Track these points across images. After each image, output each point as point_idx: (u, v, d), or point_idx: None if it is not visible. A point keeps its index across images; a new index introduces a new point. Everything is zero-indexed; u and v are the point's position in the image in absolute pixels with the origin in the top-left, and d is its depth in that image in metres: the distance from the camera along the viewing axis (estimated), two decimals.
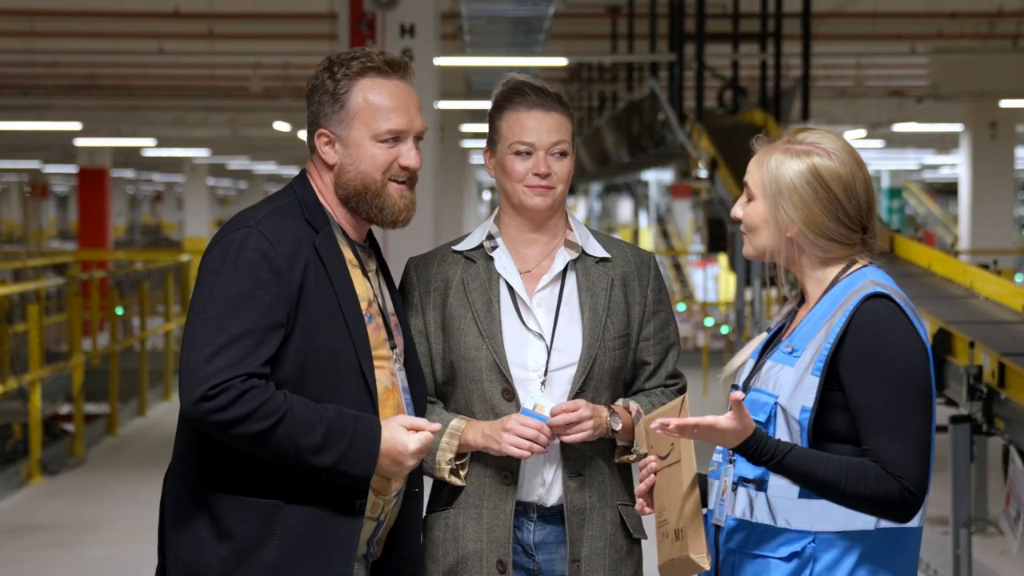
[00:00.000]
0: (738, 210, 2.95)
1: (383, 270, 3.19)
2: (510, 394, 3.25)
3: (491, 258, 3.34)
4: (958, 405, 6.04)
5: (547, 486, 3.27)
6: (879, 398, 2.76)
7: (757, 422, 2.81)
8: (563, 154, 3.31)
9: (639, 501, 2.96)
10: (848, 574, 2.79)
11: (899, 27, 17.45)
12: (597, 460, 3.29)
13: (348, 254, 3.06)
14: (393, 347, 3.11)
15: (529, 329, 3.29)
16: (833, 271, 2.90)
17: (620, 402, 3.32)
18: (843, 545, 2.79)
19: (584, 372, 3.26)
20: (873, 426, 2.76)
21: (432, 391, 3.33)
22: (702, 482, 2.94)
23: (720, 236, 11.33)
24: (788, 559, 2.80)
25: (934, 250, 8.84)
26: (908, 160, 35.88)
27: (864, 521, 2.78)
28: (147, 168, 41.96)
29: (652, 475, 2.92)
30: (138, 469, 10.74)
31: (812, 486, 2.76)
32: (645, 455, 3.28)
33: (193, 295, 2.97)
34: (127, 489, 9.95)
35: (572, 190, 3.69)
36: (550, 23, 13.59)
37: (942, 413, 6.35)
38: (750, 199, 2.92)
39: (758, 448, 2.74)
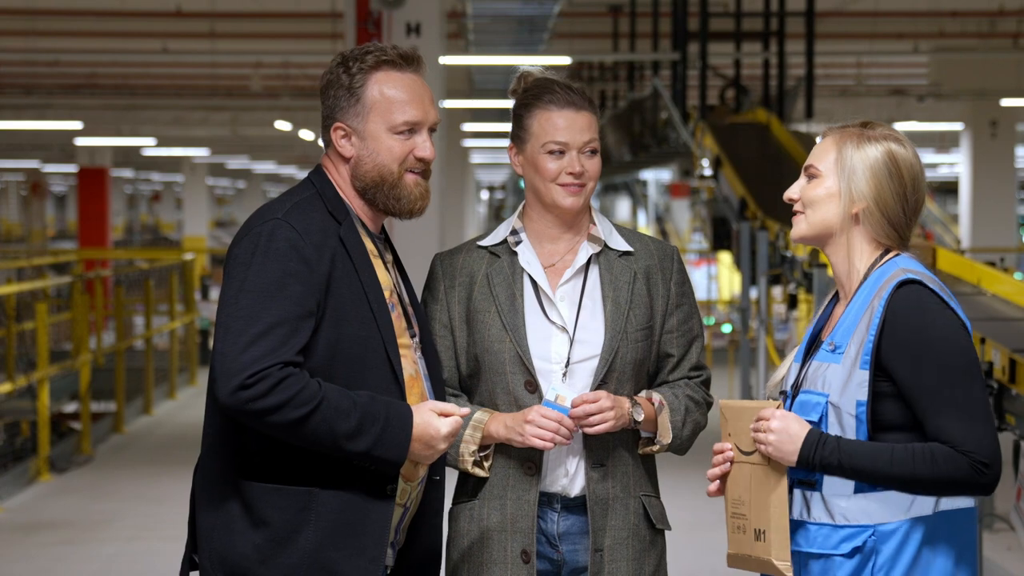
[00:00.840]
0: (795, 190, 3.03)
1: (397, 261, 3.25)
2: (533, 386, 3.29)
3: (515, 253, 3.38)
4: None
5: (570, 477, 3.30)
6: (929, 381, 2.82)
7: (810, 422, 2.88)
8: (594, 152, 3.36)
9: (711, 485, 3.04)
10: (911, 560, 2.84)
11: (900, 26, 17.51)
12: (620, 451, 3.32)
13: (369, 245, 3.12)
14: (413, 335, 3.17)
15: (552, 322, 3.32)
16: (868, 260, 2.97)
17: (643, 393, 3.34)
18: (903, 533, 2.84)
19: (606, 364, 3.29)
20: (931, 410, 2.82)
21: (456, 384, 3.38)
22: None
23: (725, 234, 11.37)
24: (851, 555, 2.85)
25: (941, 248, 8.88)
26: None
27: (922, 506, 2.84)
28: (146, 168, 41.98)
29: (727, 463, 2.98)
30: (146, 467, 10.77)
31: (883, 483, 2.82)
32: (668, 447, 3.33)
33: (224, 287, 3.01)
34: (136, 486, 9.98)
35: None
36: (554, 22, 13.62)
37: None
38: (812, 178, 3.00)
39: (815, 458, 2.83)
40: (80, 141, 26.57)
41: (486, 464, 3.32)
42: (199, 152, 31.08)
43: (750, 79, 15.26)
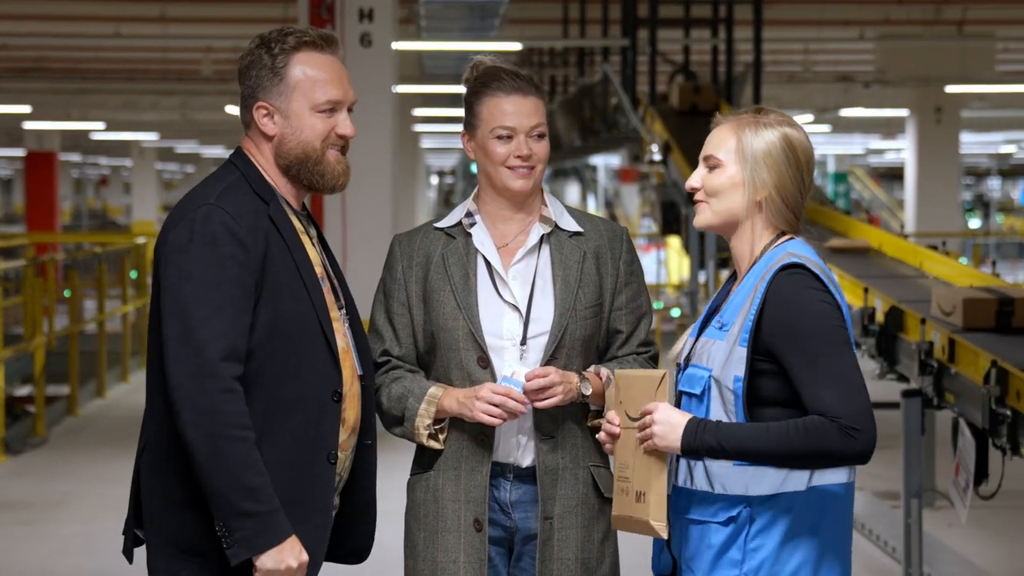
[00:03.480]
0: (696, 179, 3.12)
1: (321, 237, 3.35)
2: (485, 362, 3.43)
3: (469, 234, 3.52)
4: (909, 380, 6.26)
5: (522, 448, 3.46)
6: (803, 357, 2.95)
7: (692, 394, 3.05)
8: (541, 136, 3.50)
9: (605, 447, 3.18)
10: (782, 535, 2.96)
11: (847, 12, 17.68)
12: (569, 423, 3.47)
13: (295, 222, 3.22)
14: (341, 307, 3.27)
15: (504, 300, 3.47)
16: (760, 244, 3.09)
17: (591, 368, 3.48)
18: (776, 507, 2.97)
19: (556, 340, 3.43)
20: (806, 383, 2.94)
21: (414, 360, 3.52)
22: None
23: (674, 219, 11.52)
24: (726, 523, 2.99)
25: (884, 232, 9.05)
26: (854, 145, 36.25)
27: (796, 482, 2.96)
28: (93, 152, 41.73)
29: (613, 427, 3.11)
30: (100, 448, 10.82)
31: (763, 460, 2.95)
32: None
33: (164, 275, 3.08)
34: (91, 468, 10.03)
35: None
36: (505, 8, 13.71)
37: (894, 388, 6.59)
38: (713, 167, 3.10)
39: (697, 443, 2.97)
40: (28, 125, 26.42)
41: (441, 437, 3.46)
42: (148, 136, 30.96)
43: (699, 65, 15.41)
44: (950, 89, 19.57)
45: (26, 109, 22.77)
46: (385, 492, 3.72)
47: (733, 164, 3.07)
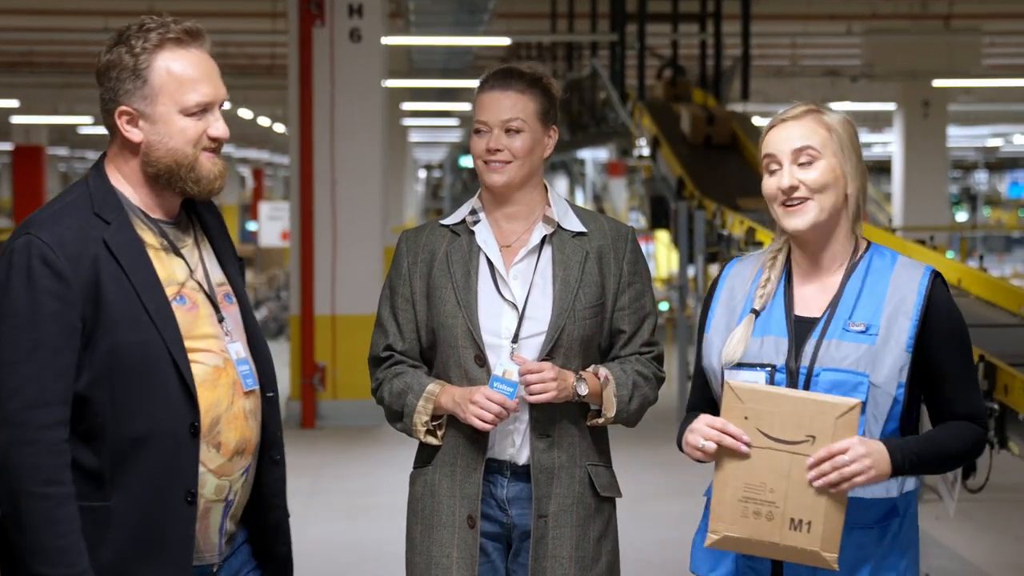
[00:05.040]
0: (792, 178, 2.97)
1: (211, 236, 3.07)
2: (482, 360, 3.45)
3: (472, 232, 3.53)
4: None
5: (517, 447, 3.48)
6: (960, 365, 3.01)
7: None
8: (516, 131, 3.47)
9: (699, 454, 2.96)
10: (910, 531, 3.04)
11: (834, 7, 17.72)
12: (566, 423, 3.48)
13: (150, 238, 2.93)
14: (221, 320, 2.99)
15: (504, 299, 3.47)
16: (850, 244, 3.03)
17: (590, 368, 3.49)
18: (910, 506, 3.05)
19: (552, 339, 3.44)
20: (960, 389, 3.01)
21: (417, 355, 3.55)
22: None
23: (663, 213, 11.53)
24: (874, 526, 3.00)
25: (872, 226, 9.09)
26: None
27: (912, 481, 3.03)
28: (81, 146, 41.67)
29: (730, 439, 2.90)
30: None
31: (944, 465, 3.00)
32: (614, 419, 3.46)
33: None
34: None
35: None
36: (494, 2, 13.72)
37: None
38: (809, 161, 2.96)
39: (905, 464, 2.91)
40: (16, 119, 26.38)
41: (439, 433, 3.49)
42: None
43: (687, 60, 15.43)
44: (937, 83, 19.61)
45: (14, 103, 22.76)
46: (395, 486, 3.74)
47: (831, 156, 2.98)
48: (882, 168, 37.94)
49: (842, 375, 2.93)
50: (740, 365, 3.00)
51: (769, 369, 2.97)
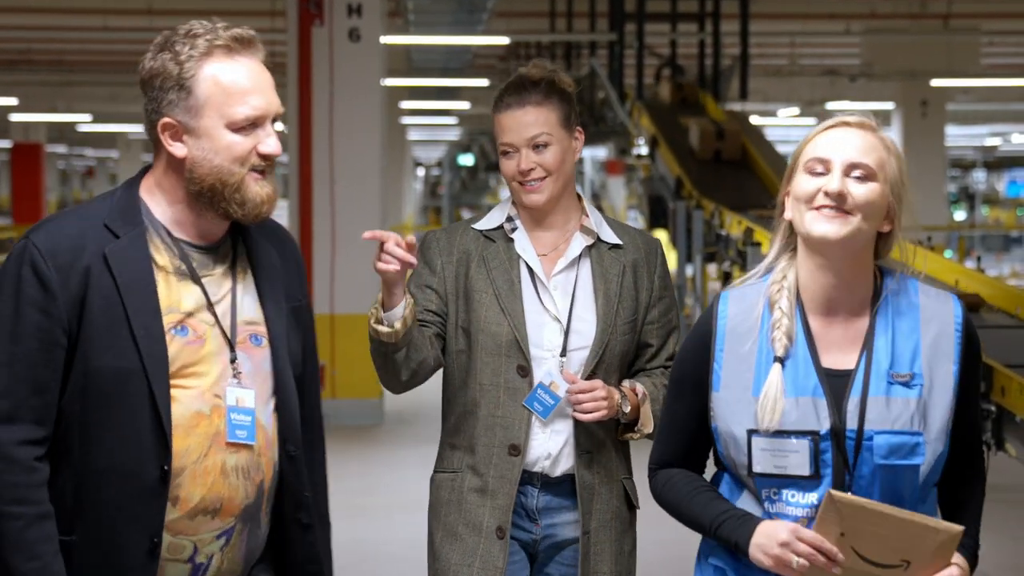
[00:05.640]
0: (843, 184, 2.62)
1: (257, 270, 2.78)
2: (525, 371, 3.38)
3: (511, 240, 3.45)
4: None
5: (552, 458, 3.41)
6: (976, 399, 2.74)
7: (914, 466, 2.62)
8: (544, 145, 3.39)
9: (792, 566, 2.59)
10: None
11: (833, 6, 17.74)
12: (603, 437, 3.43)
13: (164, 259, 2.68)
14: (233, 359, 2.69)
15: (547, 310, 3.41)
16: (870, 275, 2.68)
17: (627, 383, 3.44)
18: None
19: (597, 355, 3.39)
20: (973, 426, 2.75)
21: (440, 350, 3.40)
22: None
23: (661, 212, 11.54)
24: None
25: None
26: None
27: None
28: (79, 144, 41.69)
29: (823, 559, 2.56)
30: None
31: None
32: (649, 435, 3.36)
33: None
34: None
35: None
36: (493, 2, 13.74)
37: None
38: (865, 178, 2.62)
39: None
40: (15, 117, 26.40)
41: (396, 325, 3.25)
42: (135, 128, 30.94)
43: (686, 59, 15.45)
44: (935, 83, 19.64)
45: (12, 101, 22.77)
46: (393, 486, 3.71)
47: (883, 182, 2.63)
48: None
49: (899, 438, 2.60)
50: (779, 433, 2.62)
51: (812, 437, 2.60)
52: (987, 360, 5.24)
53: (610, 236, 3.48)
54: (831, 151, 2.64)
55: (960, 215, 36.44)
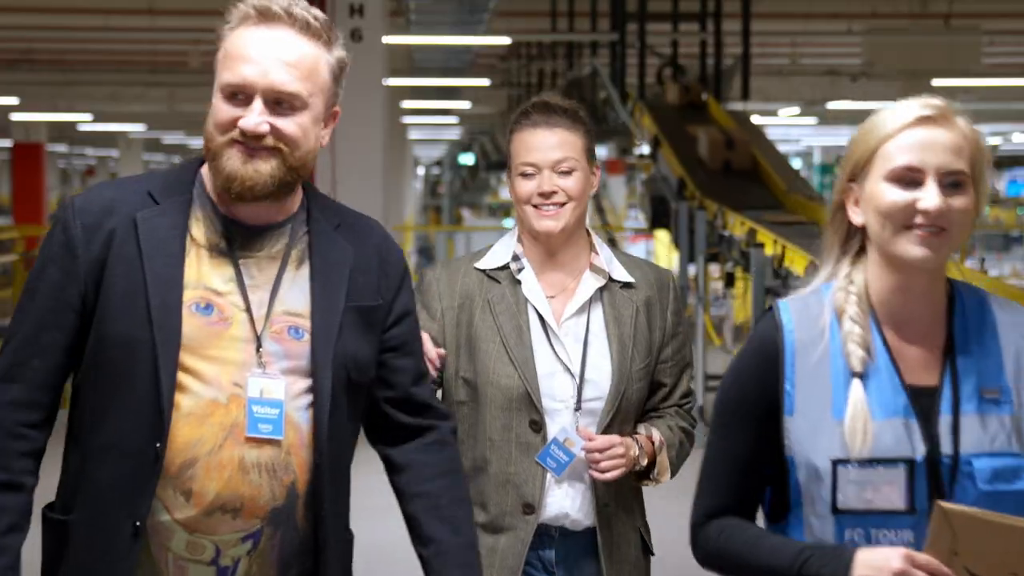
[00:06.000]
0: (941, 200, 2.28)
1: (315, 260, 2.61)
2: (538, 426, 3.19)
3: (518, 281, 3.26)
4: None
5: (571, 514, 3.24)
6: None
7: (1020, 492, 2.32)
8: (568, 171, 3.22)
9: None
10: None
11: (834, 6, 17.73)
12: (623, 488, 3.28)
13: (200, 232, 2.56)
14: (259, 348, 2.53)
15: (559, 358, 3.21)
16: (944, 284, 2.41)
17: (642, 430, 3.27)
18: None
19: (613, 407, 3.21)
20: None
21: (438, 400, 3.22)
22: None
23: (663, 213, 11.54)
24: None
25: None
26: (841, 137, 36.30)
27: None
28: (80, 143, 41.71)
29: None
30: None
31: None
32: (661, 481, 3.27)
33: None
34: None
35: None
36: (494, 2, 13.74)
37: None
38: (957, 185, 2.30)
39: None
40: (15, 116, 26.38)
41: None
42: (135, 128, 30.94)
43: (687, 59, 15.45)
44: (937, 82, 19.61)
45: (13, 100, 22.74)
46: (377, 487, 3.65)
47: (976, 181, 2.33)
48: None
49: (1000, 460, 2.31)
50: (869, 462, 2.29)
51: (907, 464, 2.29)
52: None
53: (622, 274, 3.29)
54: (921, 157, 2.29)
55: None
